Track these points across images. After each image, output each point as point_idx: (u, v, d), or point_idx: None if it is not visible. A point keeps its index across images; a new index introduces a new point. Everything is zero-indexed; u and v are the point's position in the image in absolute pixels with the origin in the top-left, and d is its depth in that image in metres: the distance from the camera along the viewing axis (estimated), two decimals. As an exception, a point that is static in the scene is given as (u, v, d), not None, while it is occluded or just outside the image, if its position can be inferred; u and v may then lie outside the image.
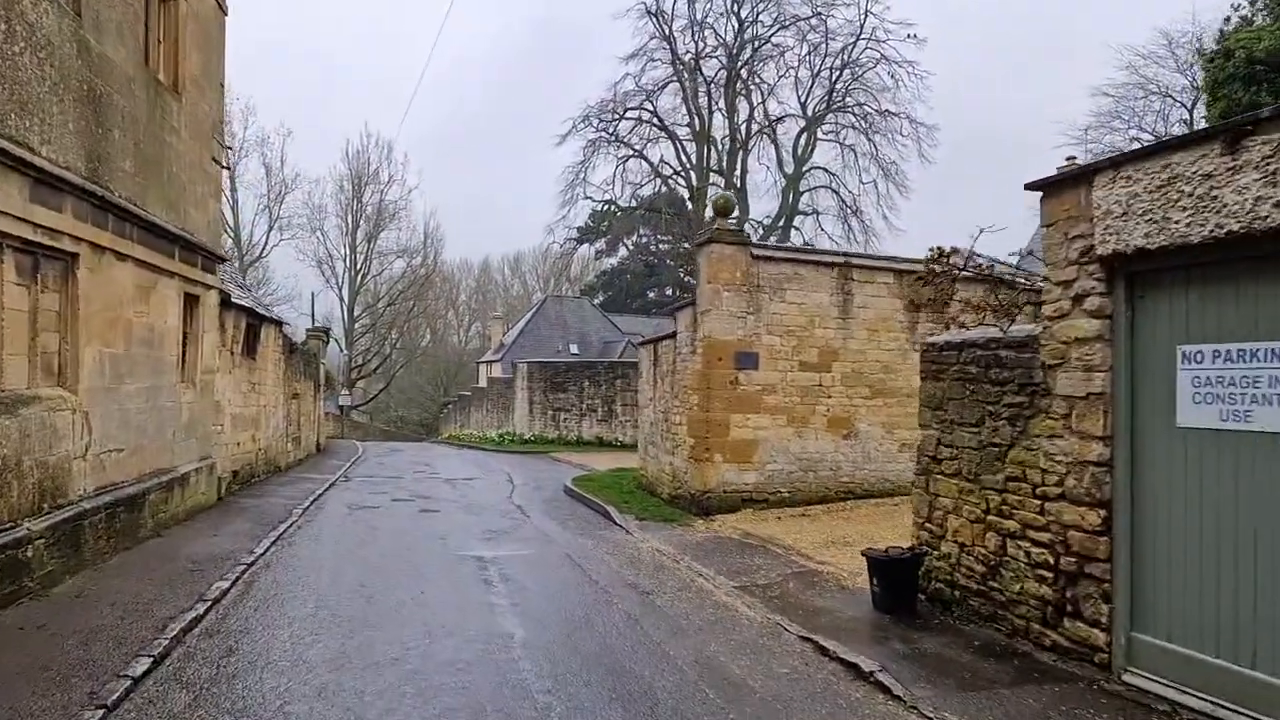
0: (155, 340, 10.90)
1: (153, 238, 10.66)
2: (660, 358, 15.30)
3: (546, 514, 14.04)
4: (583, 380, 30.62)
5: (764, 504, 12.92)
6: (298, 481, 17.88)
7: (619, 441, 29.65)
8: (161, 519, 10.90)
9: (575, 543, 11.28)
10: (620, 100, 43.69)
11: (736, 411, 12.83)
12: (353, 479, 19.29)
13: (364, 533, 11.77)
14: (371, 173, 62.03)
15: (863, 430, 13.45)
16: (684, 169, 44.52)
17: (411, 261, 63.44)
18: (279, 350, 18.88)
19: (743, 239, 12.98)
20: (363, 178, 61.90)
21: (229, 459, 14.73)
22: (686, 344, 13.62)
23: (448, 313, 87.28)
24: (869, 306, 13.52)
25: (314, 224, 61.41)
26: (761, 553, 10.25)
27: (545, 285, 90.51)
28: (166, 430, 11.34)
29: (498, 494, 16.90)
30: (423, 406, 78.90)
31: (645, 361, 16.60)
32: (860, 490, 13.40)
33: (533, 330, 52.30)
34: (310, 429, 25.01)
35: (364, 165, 61.74)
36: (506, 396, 35.30)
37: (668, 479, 14.47)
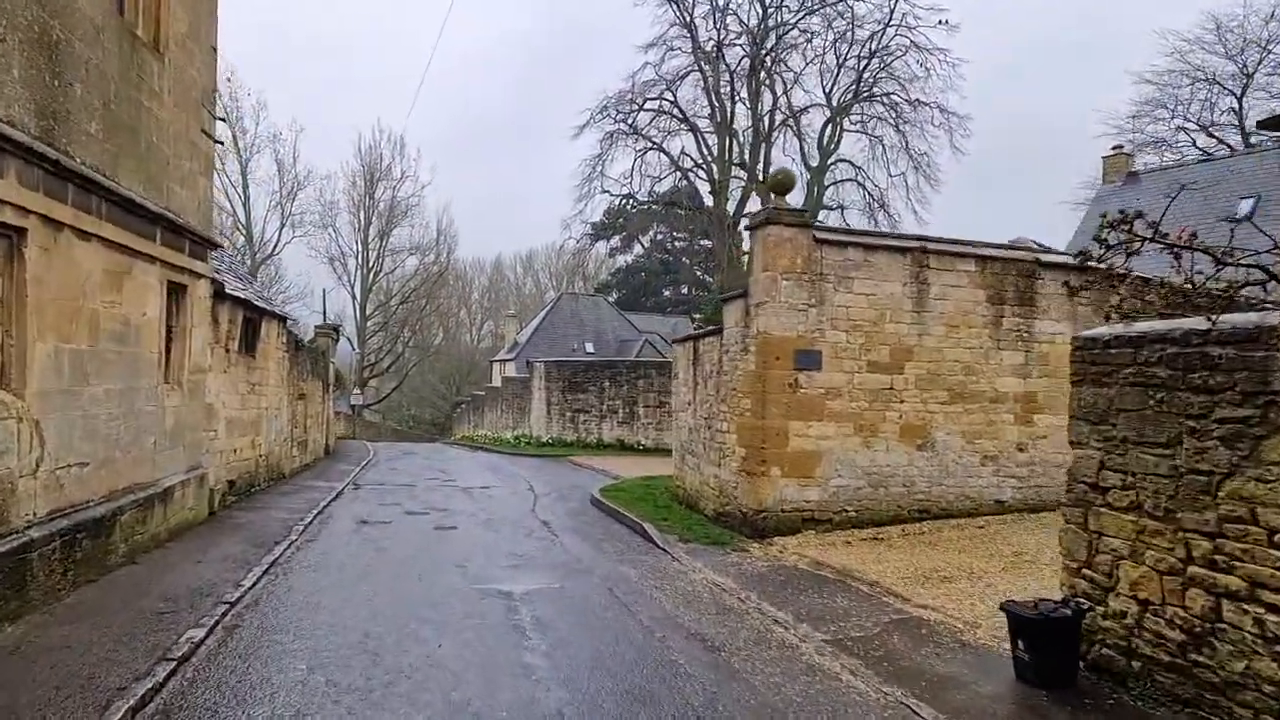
0: (131, 335, 9.31)
1: (127, 215, 9.06)
2: (701, 357, 13.63)
3: (576, 532, 12.39)
4: (603, 380, 28.98)
5: (827, 525, 11.22)
6: (303, 490, 16.30)
7: (641, 445, 28.02)
8: (138, 542, 9.31)
9: (616, 572, 9.61)
10: (639, 91, 42.01)
11: (796, 418, 11.14)
12: (362, 486, 17.70)
13: (372, 557, 10.14)
14: (384, 168, 60.70)
15: (940, 440, 11.73)
16: (705, 161, 42.76)
17: (424, 258, 62.07)
18: (282, 347, 17.30)
19: (804, 220, 11.29)
20: (375, 173, 60.56)
21: (224, 467, 13.15)
22: (736, 341, 11.93)
23: (460, 311, 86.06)
24: (947, 298, 11.81)
25: (326, 220, 60.11)
26: (842, 590, 8.55)
27: (559, 283, 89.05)
28: (146, 438, 9.75)
29: (519, 506, 15.26)
30: (435, 406, 77.52)
31: (682, 361, 14.93)
32: (937, 509, 11.68)
33: (547, 328, 50.73)
34: (318, 431, 23.48)
35: (376, 161, 60.43)
36: (522, 397, 33.70)
37: (712, 493, 12.80)
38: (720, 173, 42.09)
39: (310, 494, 15.67)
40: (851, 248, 11.44)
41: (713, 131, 42.95)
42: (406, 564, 9.79)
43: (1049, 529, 10.93)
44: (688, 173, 43.66)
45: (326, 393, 25.51)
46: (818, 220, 44.65)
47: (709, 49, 41.75)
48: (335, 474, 19.71)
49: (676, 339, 15.94)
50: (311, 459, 21.92)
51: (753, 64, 41.92)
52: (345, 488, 17.19)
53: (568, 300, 54.11)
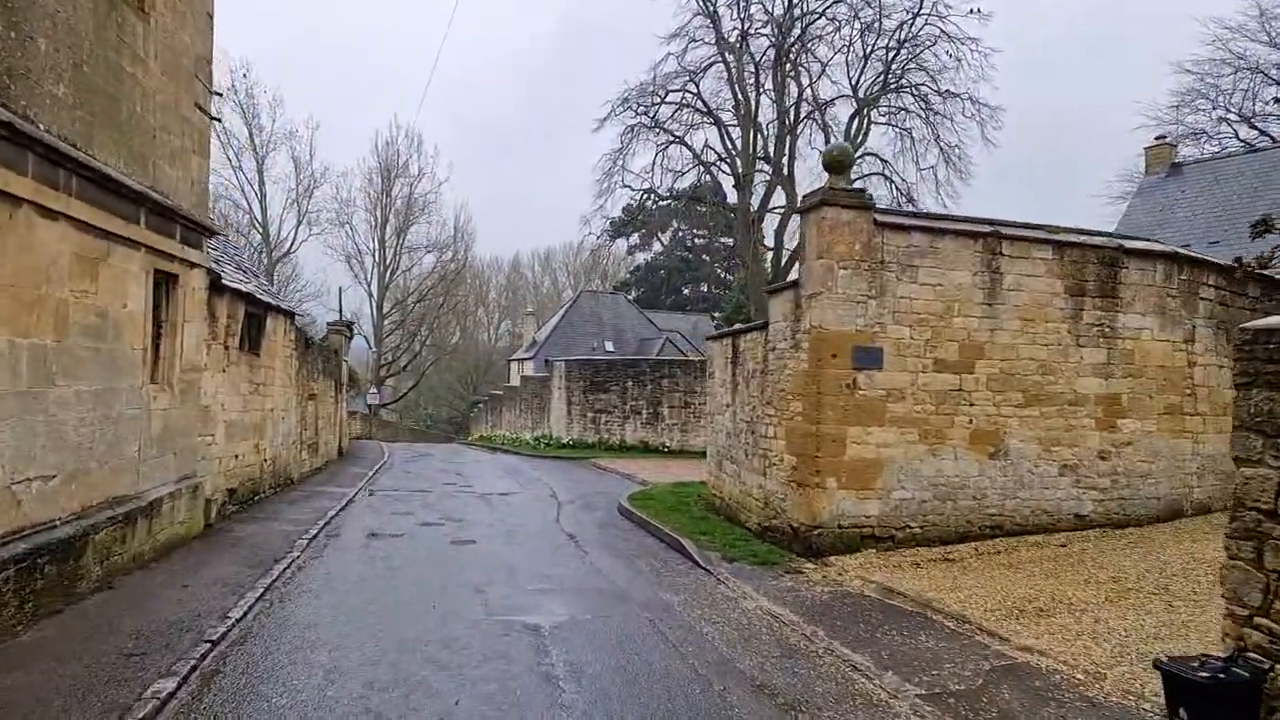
0: (109, 329, 8.21)
1: (103, 193, 7.96)
2: (743, 355, 12.39)
3: (606, 547, 11.20)
4: (625, 380, 27.79)
5: (889, 543, 9.96)
6: (311, 497, 15.22)
7: (665, 447, 26.82)
8: (117, 564, 8.21)
9: (656, 598, 8.41)
10: (660, 83, 40.81)
11: (854, 423, 9.88)
12: (375, 492, 16.60)
13: (381, 579, 8.99)
14: (401, 165, 59.93)
15: (1014, 448, 10.44)
16: (728, 155, 41.46)
17: (442, 256, 61.24)
18: (290, 345, 16.23)
19: (864, 201, 10.02)
20: (392, 170, 59.82)
21: (223, 475, 12.06)
22: (784, 337, 10.70)
23: (477, 310, 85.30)
24: (1022, 289, 10.51)
25: (342, 218, 59.45)
26: (925, 625, 7.31)
27: (576, 281, 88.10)
28: (127, 445, 8.65)
29: (542, 515, 14.09)
30: (452, 405, 76.75)
31: (719, 359, 13.70)
32: (1011, 525, 10.39)
33: (566, 327, 49.61)
34: (330, 433, 22.43)
35: (393, 158, 59.66)
36: (542, 396, 32.57)
37: (756, 505, 11.56)
38: (744, 166, 40.78)
39: (319, 502, 14.57)
40: (916, 232, 10.16)
41: (736, 124, 41.64)
42: (419, 588, 8.62)
43: (1140, 549, 9.65)
44: (710, 167, 42.37)
45: (340, 392, 24.48)
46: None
47: (732, 39, 40.46)
48: (347, 479, 18.63)
49: (712, 335, 14.70)
50: (323, 462, 20.86)
51: (778, 54, 40.60)
52: (357, 494, 16.09)
53: (587, 298, 52.98)
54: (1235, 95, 39.34)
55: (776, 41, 40.18)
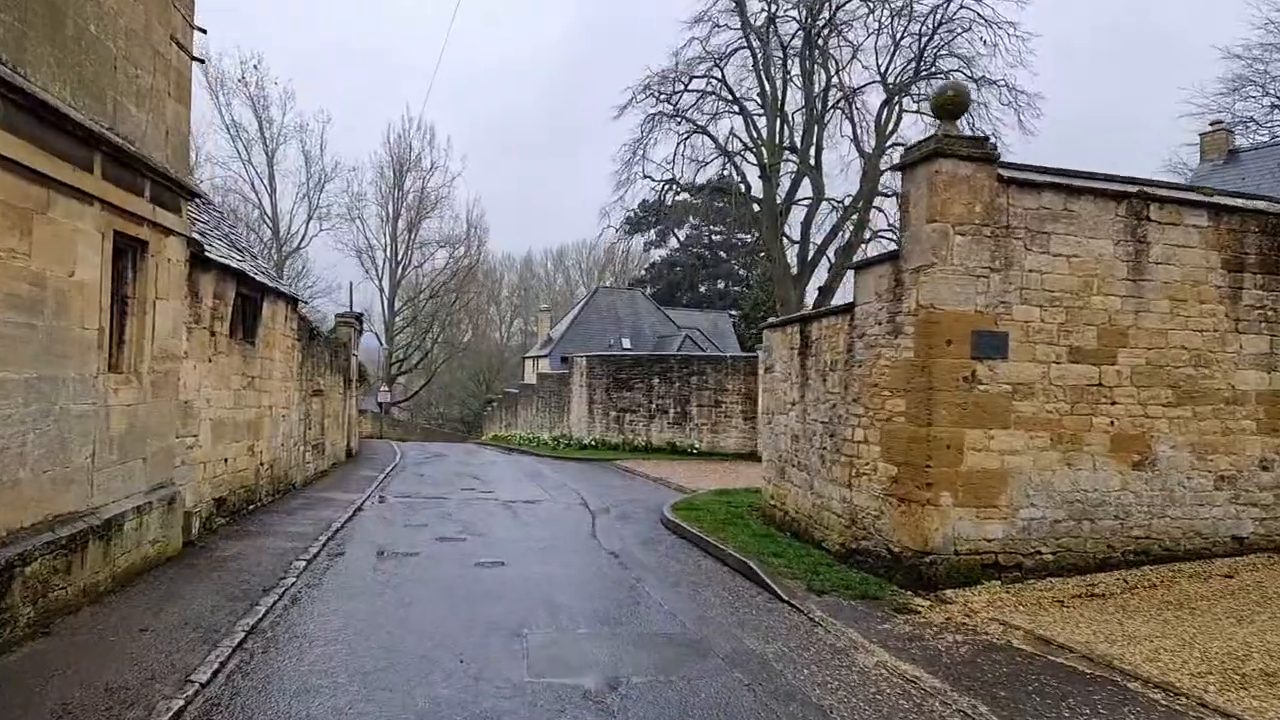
0: (48, 302, 6.38)
1: (39, 126, 6.12)
2: (816, 344, 10.49)
3: (660, 571, 9.32)
4: (651, 377, 25.89)
5: (1015, 572, 8.04)
6: (315, 505, 13.40)
7: (695, 449, 24.92)
8: (58, 600, 6.38)
9: (742, 649, 6.51)
10: (683, 69, 38.93)
11: (973, 425, 7.97)
12: (387, 499, 14.76)
13: (394, 617, 7.12)
14: (413, 159, 58.25)
15: (1162, 456, 8.51)
16: (754, 144, 39.52)
17: (454, 252, 59.51)
18: (292, 334, 14.41)
19: (987, 151, 8.08)
20: (404, 164, 58.14)
21: (208, 482, 10.24)
22: (878, 320, 8.79)
23: (490, 307, 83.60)
24: (1171, 262, 8.58)
25: (353, 212, 57.78)
26: (1120, 697, 5.38)
27: (589, 279, 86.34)
28: (75, 450, 6.82)
29: (575, 528, 12.23)
30: (464, 403, 75.05)
31: (781, 350, 11.79)
32: (1159, 549, 8.46)
33: (582, 323, 47.78)
34: (338, 432, 20.64)
35: (405, 151, 57.99)
36: (561, 395, 30.72)
37: (837, 521, 9.66)
38: (770, 156, 38.84)
39: (323, 511, 12.74)
40: (1047, 191, 8.23)
41: (761, 113, 39.71)
42: (442, 631, 6.75)
43: (1330, 581, 7.70)
44: (734, 157, 40.45)
45: (348, 389, 22.69)
46: (874, 207, 41.13)
47: (759, 23, 38.54)
48: (355, 483, 16.80)
49: (773, 323, 12.76)
50: (329, 465, 19.05)
51: (806, 38, 38.65)
52: (367, 501, 14.26)
53: (603, 294, 51.14)
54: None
55: (805, 25, 38.24)
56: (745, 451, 24.60)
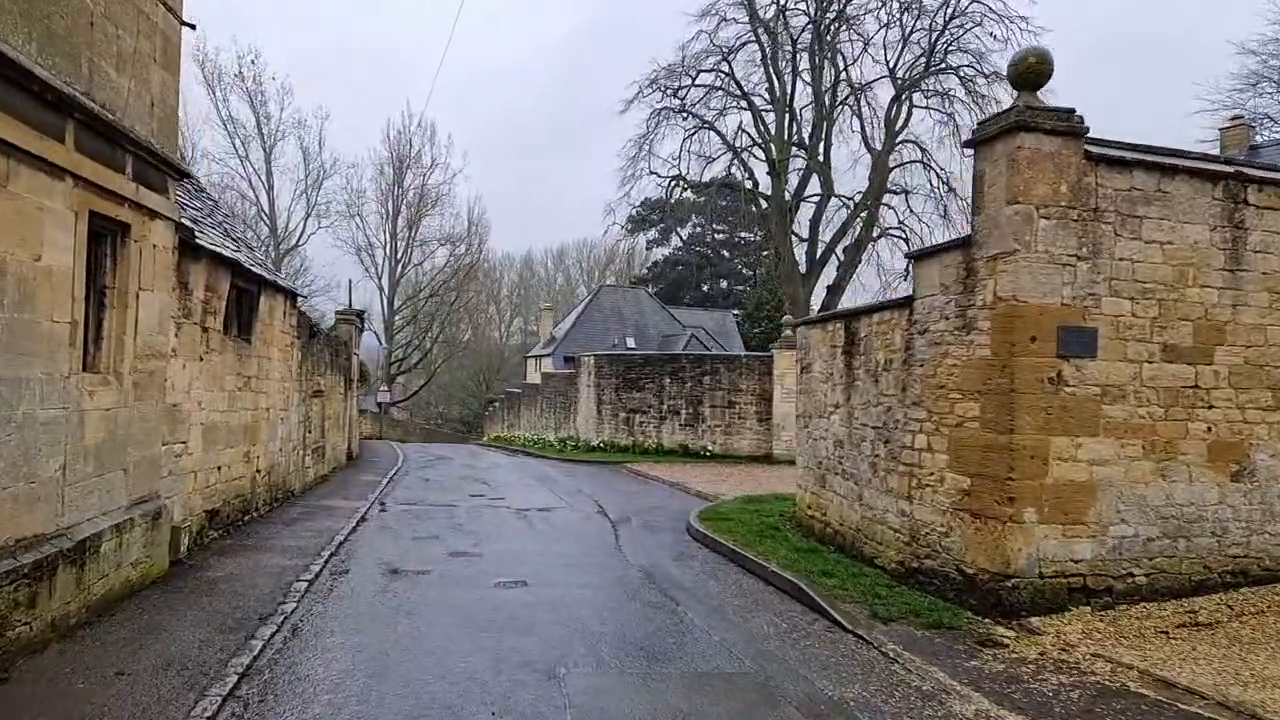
0: (10, 291, 5.45)
1: None
2: (864, 342, 9.58)
3: (699, 593, 8.41)
4: (663, 377, 24.98)
5: (1105, 596, 7.13)
6: (315, 514, 12.46)
7: (707, 451, 24.00)
8: (21, 637, 5.44)
9: (816, 693, 5.59)
10: (690, 63, 38.01)
11: (1059, 432, 7.07)
12: (390, 507, 13.83)
13: (410, 652, 6.18)
14: (413, 156, 57.22)
15: (1261, 465, 7.62)
16: (762, 140, 38.60)
17: (455, 250, 58.44)
18: (291, 331, 13.47)
19: (1074, 125, 7.16)
20: (404, 161, 57.12)
21: (199, 493, 9.30)
22: (946, 315, 7.88)
23: (489, 307, 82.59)
24: (1271, 251, 7.69)
25: (352, 210, 56.75)
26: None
27: (590, 279, 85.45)
28: (42, 461, 5.88)
29: (598, 541, 11.31)
30: (464, 403, 74.10)
31: (821, 348, 10.88)
32: (1258, 569, 7.57)
33: (586, 322, 46.84)
34: (339, 434, 19.69)
35: (405, 147, 56.95)
36: (567, 395, 29.80)
37: (894, 538, 8.74)
38: (779, 152, 37.95)
39: (324, 521, 11.81)
40: (1139, 170, 7.33)
41: (769, 108, 38.83)
42: (464, 673, 5.80)
43: None
44: (741, 153, 39.53)
45: (349, 389, 21.75)
46: (883, 203, 40.28)
47: (768, 17, 37.66)
48: (357, 489, 15.86)
49: (809, 320, 11.83)
50: (330, 469, 18.11)
51: (816, 32, 37.76)
52: (370, 509, 13.33)
53: (607, 292, 50.21)
54: None
55: (815, 19, 37.34)
56: (760, 454, 23.72)
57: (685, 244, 67.25)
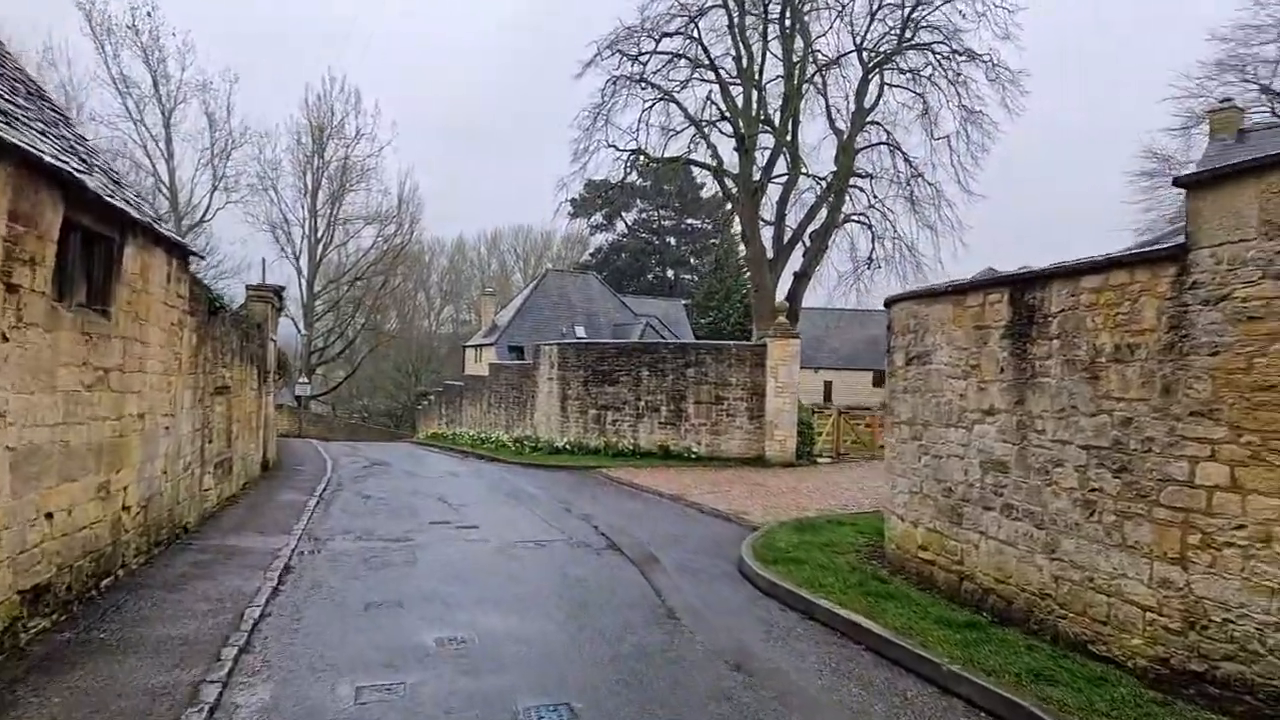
0: None
1: None
2: (1060, 319, 6.44)
3: (845, 712, 5.18)
4: (640, 369, 21.63)
5: None
6: (216, 566, 8.67)
7: (693, 453, 20.80)
8: None
9: None
10: (651, 26, 34.57)
11: None
12: (324, 546, 10.08)
13: None
14: (336, 125, 51.97)
15: None
16: (730, 114, 35.50)
17: (384, 229, 53.41)
18: (181, 304, 9.58)
19: None
20: (325, 129, 51.82)
21: (8, 564, 5.51)
22: (1245, 273, 4.81)
23: (418, 294, 77.39)
24: None
25: (266, 182, 51.01)
26: None
27: (527, 264, 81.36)
28: None
29: (630, 597, 7.91)
30: (391, 396, 69.09)
31: (949, 330, 7.73)
32: None
33: (532, 309, 43.08)
34: (252, 440, 15.66)
35: (326, 115, 51.69)
36: (522, 388, 26.16)
37: (1143, 619, 5.65)
38: (747, 127, 34.91)
39: (228, 579, 8.05)
40: None
41: (736, 81, 35.73)
42: None
43: None
44: (705, 128, 36.28)
45: (265, 382, 17.65)
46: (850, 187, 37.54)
47: (735, -19, 34.53)
48: (277, 516, 12.00)
49: (914, 294, 8.55)
50: (240, 486, 14.12)
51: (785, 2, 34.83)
52: (296, 552, 9.59)
53: (554, 278, 46.45)
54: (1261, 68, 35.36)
55: (788, -19, 34.41)
56: (751, 456, 20.66)
57: (631, 230, 63.97)
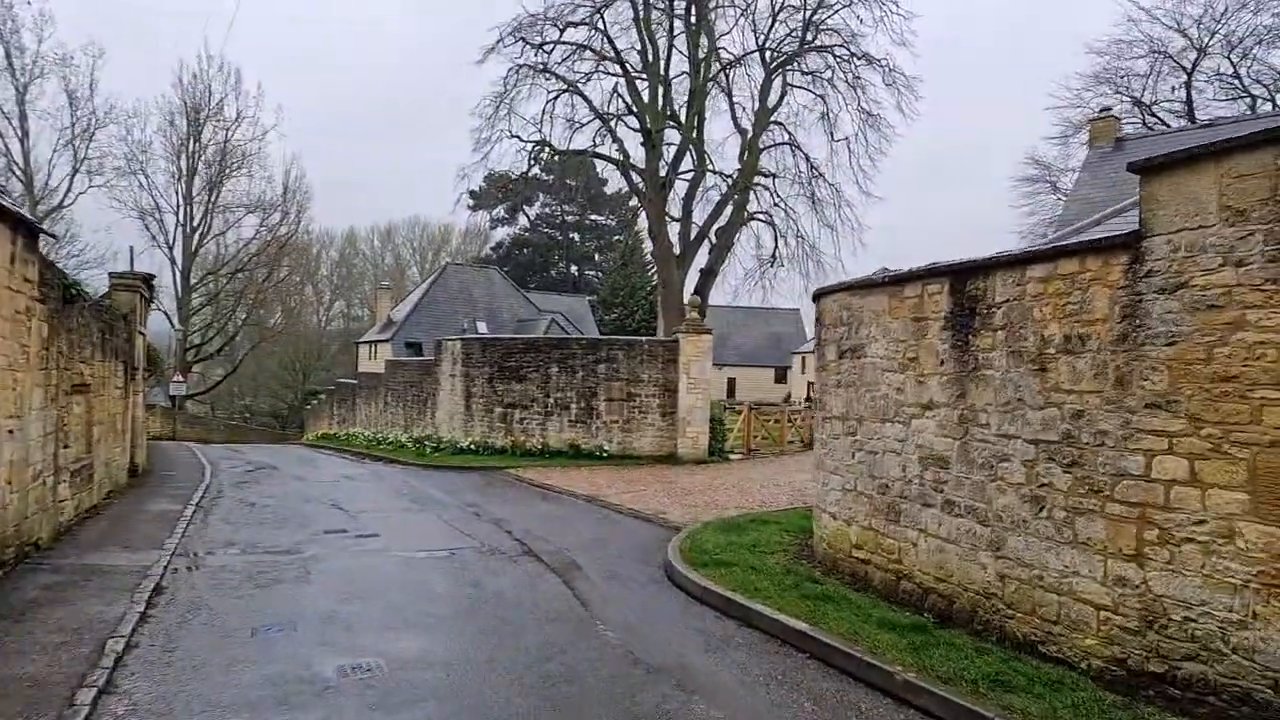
0: None
1: None
2: (1006, 310, 6.23)
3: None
4: (549, 365, 20.93)
5: None
6: (72, 590, 7.51)
7: (605, 452, 20.28)
8: None
9: None
10: (554, 15, 33.80)
11: None
12: (204, 562, 8.98)
13: None
14: (214, 106, 48.52)
15: None
16: (636, 108, 35.13)
17: (267, 219, 50.24)
18: (29, 290, 8.29)
19: None
20: (201, 111, 48.30)
21: None
22: (1243, 257, 4.70)
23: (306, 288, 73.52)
24: None
25: (135, 166, 47.07)
26: None
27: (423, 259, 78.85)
28: None
29: (553, 609, 7.31)
30: (276, 395, 65.41)
31: (886, 323, 7.46)
32: None
33: (431, 304, 41.50)
34: (116, 444, 14.08)
35: (203, 95, 48.21)
36: (422, 386, 24.96)
37: (1097, 619, 5.47)
38: (654, 122, 34.63)
39: (87, 605, 6.95)
40: None
41: (642, 75, 35.39)
42: None
43: None
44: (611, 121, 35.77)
45: (133, 380, 15.97)
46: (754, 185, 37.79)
47: (641, -24, 34.14)
48: (147, 529, 10.69)
49: (862, 284, 8.21)
50: (103, 496, 12.61)
51: (690, 1, 34.73)
52: (169, 569, 8.49)
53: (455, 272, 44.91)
54: (1134, 82, 37.93)
55: (693, -21, 34.30)
56: (663, 454, 20.32)
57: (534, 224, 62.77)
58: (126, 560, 8.80)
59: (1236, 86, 31.75)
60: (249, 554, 9.48)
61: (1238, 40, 31.27)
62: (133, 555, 9.08)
